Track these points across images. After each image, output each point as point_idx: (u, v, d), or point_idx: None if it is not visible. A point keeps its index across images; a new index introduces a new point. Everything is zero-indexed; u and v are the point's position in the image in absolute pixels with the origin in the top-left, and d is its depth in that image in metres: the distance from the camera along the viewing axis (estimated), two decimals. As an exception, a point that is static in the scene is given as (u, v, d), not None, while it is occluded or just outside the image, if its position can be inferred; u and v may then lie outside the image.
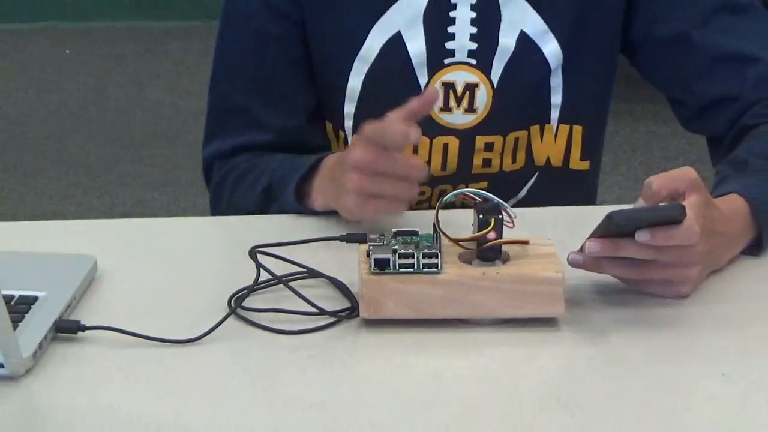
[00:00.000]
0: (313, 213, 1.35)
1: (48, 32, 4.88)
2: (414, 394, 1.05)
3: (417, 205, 1.41)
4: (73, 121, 4.03)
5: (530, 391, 1.05)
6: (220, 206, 1.53)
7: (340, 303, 1.17)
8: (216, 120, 1.55)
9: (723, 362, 1.07)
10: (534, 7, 1.43)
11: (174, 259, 1.34)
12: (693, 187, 1.14)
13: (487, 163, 1.48)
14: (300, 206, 1.36)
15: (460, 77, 1.45)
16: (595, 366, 1.09)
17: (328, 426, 1.00)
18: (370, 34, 1.45)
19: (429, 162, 1.47)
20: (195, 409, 1.04)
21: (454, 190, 1.31)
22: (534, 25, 1.44)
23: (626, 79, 1.65)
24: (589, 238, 1.13)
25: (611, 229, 1.10)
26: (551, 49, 1.44)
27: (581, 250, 1.14)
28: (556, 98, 1.47)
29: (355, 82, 1.46)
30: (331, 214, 1.32)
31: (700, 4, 1.44)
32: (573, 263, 1.13)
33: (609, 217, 1.08)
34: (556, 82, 1.46)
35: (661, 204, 1.15)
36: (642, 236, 1.08)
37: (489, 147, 1.47)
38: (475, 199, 1.13)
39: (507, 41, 1.43)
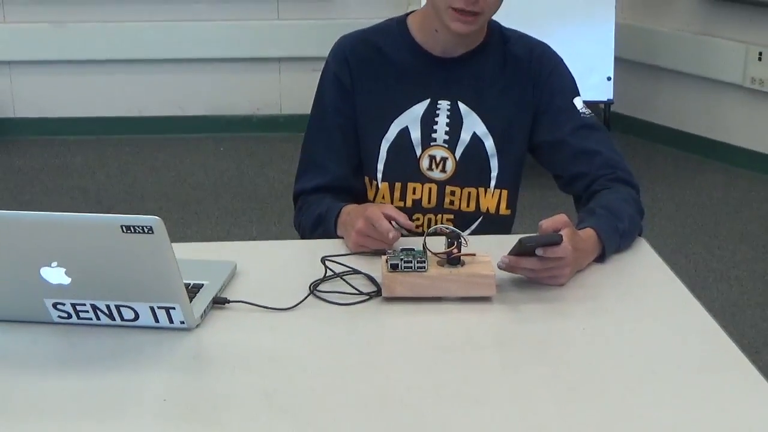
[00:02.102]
0: (340, 236, 1.94)
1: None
2: (410, 334, 1.61)
3: (415, 229, 2.00)
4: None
5: (476, 335, 1.61)
6: (298, 221, 2.11)
7: (371, 288, 1.74)
8: (302, 167, 2.13)
9: (582, 322, 1.66)
10: (481, 119, 2.04)
11: (278, 265, 1.87)
12: (566, 225, 1.74)
13: (452, 203, 2.07)
14: (334, 231, 1.96)
15: (438, 153, 2.07)
16: (509, 319, 1.65)
17: (366, 344, 1.57)
18: (391, 126, 2.06)
19: (421, 198, 2.05)
20: (292, 344, 1.56)
21: (436, 219, 1.96)
22: (481, 129, 2.05)
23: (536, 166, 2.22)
24: (508, 254, 1.70)
25: (521, 248, 1.68)
26: (490, 143, 2.06)
27: (501, 258, 1.69)
28: (493, 173, 2.07)
29: (382, 152, 2.07)
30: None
31: (570, 123, 2.04)
32: (499, 267, 1.72)
33: (520, 240, 1.68)
34: (493, 163, 2.06)
35: (548, 234, 1.72)
36: (539, 251, 1.68)
37: (453, 194, 2.07)
38: (446, 231, 1.71)
39: (465, 136, 2.05)
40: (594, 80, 4.68)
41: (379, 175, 2.10)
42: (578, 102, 2.08)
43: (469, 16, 1.93)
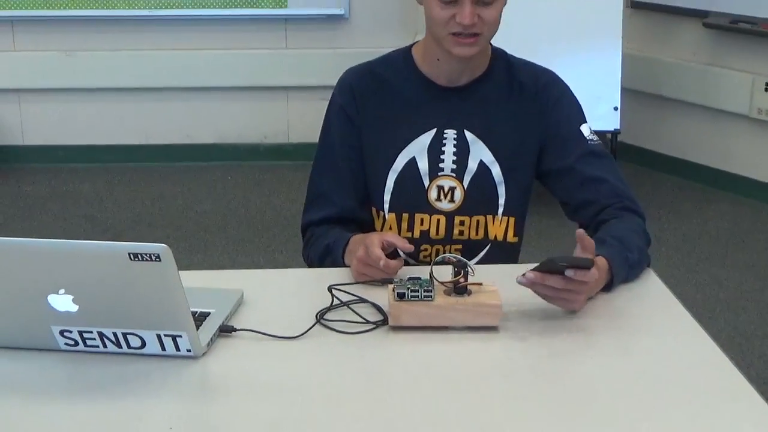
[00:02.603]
0: (345, 265, 1.94)
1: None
2: (416, 363, 1.62)
3: (422, 259, 2.03)
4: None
5: (482, 364, 1.62)
6: (306, 253, 2.12)
7: (378, 316, 1.74)
8: (309, 200, 2.15)
9: (588, 352, 1.67)
10: (488, 147, 2.05)
11: (285, 294, 1.87)
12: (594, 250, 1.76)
13: (461, 233, 2.08)
14: (342, 260, 1.97)
15: (446, 183, 2.07)
16: (516, 348, 1.66)
17: (373, 373, 1.58)
18: (398, 157, 2.07)
19: (428, 229, 2.06)
20: (299, 373, 1.57)
21: (444, 249, 1.96)
22: (488, 157, 2.06)
23: (542, 195, 2.25)
24: (531, 270, 1.69)
25: (549, 266, 1.67)
26: (497, 171, 2.06)
27: (524, 275, 1.68)
28: (501, 200, 2.07)
29: (389, 183, 2.08)
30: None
31: (577, 150, 2.04)
32: (518, 281, 1.70)
33: (551, 259, 1.66)
34: (501, 191, 2.06)
35: (580, 257, 1.72)
36: (569, 272, 1.68)
37: (462, 224, 2.07)
38: (452, 260, 1.70)
39: (472, 165, 2.05)
40: (601, 110, 4.69)
41: (386, 206, 2.11)
42: (585, 129, 2.09)
43: (469, 38, 1.94)
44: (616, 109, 4.77)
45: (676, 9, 5.16)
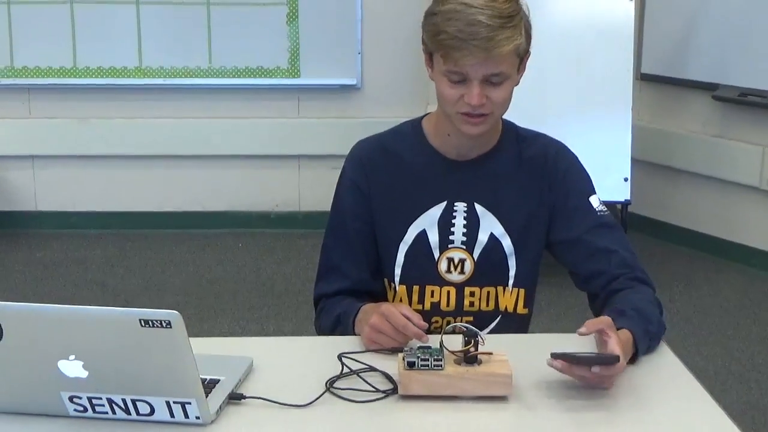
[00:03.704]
0: (357, 334, 1.94)
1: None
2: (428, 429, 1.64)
3: (433, 329, 2.03)
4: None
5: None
6: (318, 323, 2.13)
7: (387, 385, 1.73)
8: (322, 272, 2.16)
9: (599, 424, 1.65)
10: (499, 220, 2.06)
11: (295, 362, 1.87)
12: (609, 327, 1.76)
13: (471, 304, 2.08)
14: (353, 330, 1.97)
15: (456, 255, 2.08)
16: (526, 419, 1.66)
17: None
18: (408, 230, 2.08)
19: (439, 301, 2.06)
20: None
21: (455, 320, 1.97)
22: (498, 230, 2.06)
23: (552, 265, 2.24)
24: (560, 358, 1.68)
25: (575, 359, 1.68)
26: (507, 243, 2.07)
27: (554, 360, 1.68)
28: (511, 272, 2.08)
29: (400, 256, 2.09)
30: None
31: (586, 222, 2.05)
32: (548, 364, 1.70)
33: (576, 356, 1.68)
34: (511, 263, 2.07)
35: (604, 354, 1.73)
36: (595, 369, 1.68)
37: (472, 295, 2.08)
38: (463, 329, 1.71)
39: (483, 237, 2.06)
40: (611, 181, 4.71)
41: (397, 279, 2.11)
42: (594, 200, 2.09)
43: (478, 117, 1.96)
44: (626, 179, 4.79)
45: (685, 82, 5.21)
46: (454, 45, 1.87)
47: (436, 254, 2.10)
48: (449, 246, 2.10)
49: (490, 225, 2.09)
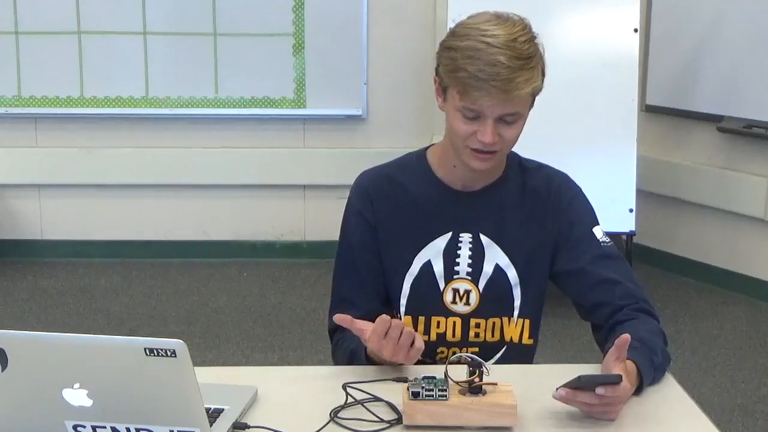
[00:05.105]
0: (370, 363, 1.95)
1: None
2: None
3: (438, 360, 2.03)
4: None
5: None
6: (335, 358, 2.14)
7: (392, 415, 1.74)
8: (334, 304, 2.16)
9: None
10: (504, 251, 2.07)
11: (299, 391, 1.87)
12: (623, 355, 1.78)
13: (477, 335, 2.09)
14: (366, 361, 1.97)
15: (462, 286, 2.09)
16: None
17: None
18: (414, 261, 2.09)
19: (445, 332, 2.07)
20: None
21: (460, 351, 1.97)
22: (503, 260, 2.07)
23: (556, 296, 2.27)
24: (563, 386, 1.69)
25: (579, 383, 1.68)
26: (512, 274, 2.08)
27: (557, 391, 1.69)
28: (516, 303, 2.08)
29: (406, 286, 2.10)
30: (377, 368, 1.93)
31: (590, 253, 2.06)
32: (554, 397, 1.71)
33: (579, 378, 1.68)
34: (516, 293, 2.07)
35: (606, 374, 1.74)
36: (599, 390, 1.68)
37: (478, 326, 2.09)
38: (468, 359, 1.71)
39: (488, 268, 2.07)
40: (616, 212, 4.72)
41: (402, 309, 2.12)
42: (597, 231, 2.10)
43: (488, 154, 1.97)
44: (631, 211, 4.79)
45: (690, 113, 5.22)
46: (473, 84, 1.88)
47: (442, 285, 2.10)
48: (454, 277, 2.10)
49: (495, 256, 2.09)
